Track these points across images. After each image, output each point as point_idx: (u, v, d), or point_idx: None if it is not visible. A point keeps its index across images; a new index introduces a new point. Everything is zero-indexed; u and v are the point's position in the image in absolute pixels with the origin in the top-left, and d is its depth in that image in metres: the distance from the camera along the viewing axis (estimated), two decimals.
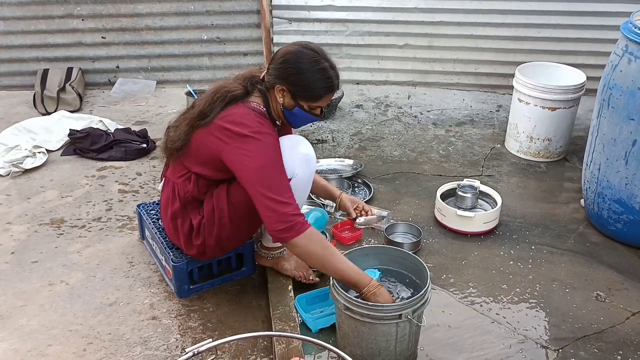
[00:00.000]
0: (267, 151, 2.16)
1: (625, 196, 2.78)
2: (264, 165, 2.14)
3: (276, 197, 2.12)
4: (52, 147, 3.68)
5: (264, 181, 2.13)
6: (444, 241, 2.91)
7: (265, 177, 2.14)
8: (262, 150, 2.15)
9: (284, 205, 2.13)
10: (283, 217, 2.12)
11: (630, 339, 2.35)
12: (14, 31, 4.40)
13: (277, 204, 2.12)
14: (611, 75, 2.73)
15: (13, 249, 2.83)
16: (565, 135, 3.60)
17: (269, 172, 2.15)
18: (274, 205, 2.13)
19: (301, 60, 2.19)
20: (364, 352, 2.12)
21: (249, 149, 2.15)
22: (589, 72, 3.71)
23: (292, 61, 2.20)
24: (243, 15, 4.48)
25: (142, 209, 2.78)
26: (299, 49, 2.22)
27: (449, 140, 3.90)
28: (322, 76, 2.21)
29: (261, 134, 2.16)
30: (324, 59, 2.22)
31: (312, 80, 2.20)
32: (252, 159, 2.14)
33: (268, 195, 2.13)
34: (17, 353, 2.26)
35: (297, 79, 2.20)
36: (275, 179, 2.15)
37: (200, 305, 2.50)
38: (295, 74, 2.20)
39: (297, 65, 2.19)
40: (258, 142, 2.15)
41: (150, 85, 4.56)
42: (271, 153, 2.18)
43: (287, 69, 2.20)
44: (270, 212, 2.14)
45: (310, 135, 3.90)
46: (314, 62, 2.19)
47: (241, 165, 2.17)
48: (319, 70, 2.20)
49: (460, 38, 4.46)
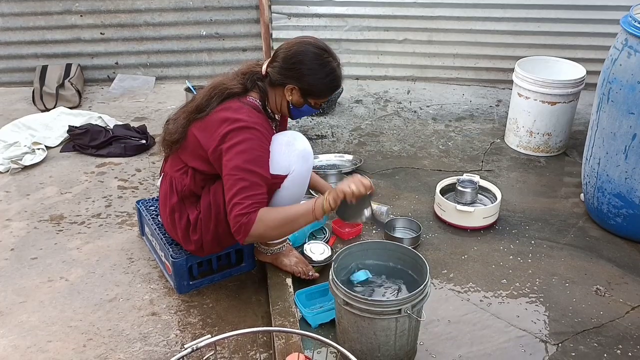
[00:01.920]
0: (248, 147, 2.17)
1: (625, 190, 2.78)
2: (236, 165, 2.16)
3: (231, 200, 2.16)
4: (52, 144, 3.68)
5: (229, 185, 2.17)
6: (444, 236, 2.91)
7: (232, 179, 2.16)
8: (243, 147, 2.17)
9: (233, 207, 2.16)
10: (232, 219, 2.16)
11: (630, 333, 2.35)
12: (13, 28, 4.40)
13: (231, 206, 2.16)
14: (611, 69, 2.72)
15: (12, 246, 2.83)
16: (565, 130, 3.59)
17: (237, 173, 2.16)
18: (228, 208, 2.17)
19: (313, 62, 2.26)
20: (363, 347, 2.12)
21: (232, 145, 2.17)
22: (589, 66, 3.70)
23: (304, 62, 2.25)
24: (242, 11, 4.47)
25: (141, 205, 2.78)
26: (309, 48, 2.27)
27: (449, 135, 3.89)
28: (333, 76, 2.30)
29: (248, 129, 2.18)
30: (332, 58, 2.30)
31: (324, 80, 2.28)
32: (228, 158, 2.17)
33: (227, 198, 2.18)
34: (16, 349, 2.26)
35: (310, 79, 2.27)
36: (240, 180, 2.16)
37: (200, 301, 2.50)
38: (308, 74, 2.26)
39: (310, 67, 2.25)
40: (242, 137, 2.17)
41: (149, 81, 4.56)
42: (252, 149, 2.18)
43: (300, 69, 2.25)
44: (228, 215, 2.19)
45: (309, 130, 3.89)
46: (325, 62, 2.27)
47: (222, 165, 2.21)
48: (329, 70, 2.28)
49: (460, 32, 4.45)
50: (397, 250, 2.33)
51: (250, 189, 2.15)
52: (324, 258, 2.61)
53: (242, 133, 2.17)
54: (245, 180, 2.15)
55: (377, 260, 2.34)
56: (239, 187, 2.15)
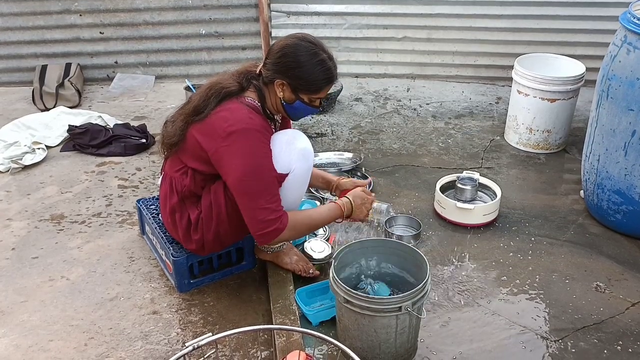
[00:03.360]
0: (252, 151, 2.17)
1: (625, 187, 2.78)
2: (246, 170, 2.16)
3: (252, 204, 2.18)
4: (52, 143, 3.68)
5: (243, 189, 2.18)
6: (444, 233, 2.92)
7: (244, 184, 2.18)
8: (247, 151, 2.16)
9: (259, 212, 2.18)
10: (258, 224, 2.19)
11: (630, 329, 2.36)
12: (12, 27, 4.40)
13: (254, 210, 2.19)
14: (610, 66, 2.72)
15: (13, 245, 2.83)
16: (564, 127, 3.59)
17: (250, 176, 2.17)
18: (251, 212, 2.20)
19: (300, 54, 2.19)
20: (364, 345, 2.12)
21: (235, 148, 2.16)
22: (588, 63, 3.70)
23: (291, 55, 2.19)
24: (241, 9, 4.47)
25: (141, 204, 2.79)
26: (296, 42, 2.21)
27: (448, 133, 3.89)
28: (322, 68, 2.21)
29: (248, 132, 2.17)
30: (322, 50, 2.22)
31: (312, 72, 2.20)
32: (235, 163, 2.17)
33: (245, 203, 2.20)
34: (18, 348, 2.27)
35: (297, 72, 2.20)
36: (254, 183, 2.17)
37: (201, 300, 2.50)
38: (295, 67, 2.19)
39: (296, 59, 2.19)
40: (244, 141, 2.16)
41: (149, 80, 4.56)
42: (257, 153, 2.18)
43: (286, 62, 2.20)
44: (248, 219, 2.23)
45: (309, 129, 3.89)
46: (313, 54, 2.19)
47: (226, 170, 2.21)
48: (318, 62, 2.20)
49: (459, 30, 4.45)
50: (398, 247, 2.33)
51: (268, 191, 2.19)
52: (324, 256, 2.62)
53: (245, 135, 2.16)
54: (261, 182, 2.17)
55: (377, 257, 2.34)
56: (256, 190, 2.17)
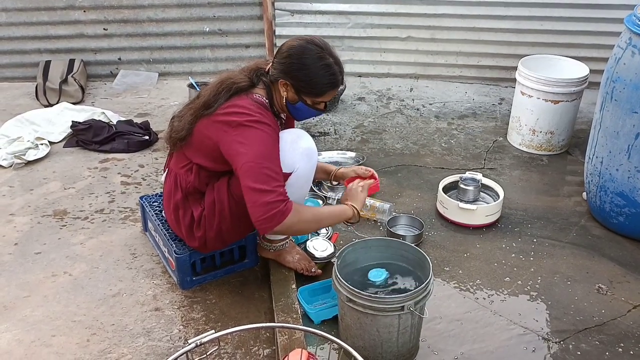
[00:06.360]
0: (264, 140, 2.15)
1: (628, 189, 2.78)
2: (257, 155, 2.12)
3: (260, 187, 2.09)
4: (55, 139, 3.69)
5: (252, 174, 2.11)
6: (446, 234, 2.92)
7: (255, 168, 2.11)
8: (258, 140, 2.14)
9: (265, 194, 2.09)
10: (263, 206, 2.09)
11: (632, 332, 2.36)
12: (16, 23, 4.40)
13: (259, 193, 2.09)
14: (614, 68, 2.72)
15: (16, 241, 2.83)
16: (567, 129, 3.59)
17: (261, 162, 2.12)
18: (256, 196, 2.10)
19: (305, 56, 2.18)
20: (366, 344, 2.12)
21: (246, 136, 2.14)
22: (592, 65, 3.70)
23: (296, 56, 2.19)
24: (245, 7, 4.47)
25: (144, 201, 2.79)
26: (303, 44, 2.21)
27: (451, 133, 3.90)
28: (326, 72, 2.19)
29: (260, 124, 2.16)
30: (329, 55, 2.20)
31: (316, 76, 2.19)
32: (246, 149, 2.13)
33: (252, 186, 2.10)
34: (21, 343, 2.27)
35: (301, 74, 2.19)
36: (264, 169, 2.12)
37: (203, 297, 2.51)
38: (299, 69, 2.19)
39: (300, 61, 2.19)
40: (255, 131, 2.14)
41: (152, 77, 4.56)
42: (267, 143, 2.16)
43: (291, 64, 2.20)
44: (252, 204, 2.11)
45: (312, 127, 3.90)
46: (318, 58, 2.18)
47: (236, 156, 2.16)
48: (322, 66, 2.19)
49: (463, 30, 4.45)
50: (400, 247, 2.33)
51: (276, 180, 2.13)
52: (326, 255, 2.62)
53: (256, 126, 2.15)
54: (271, 169, 2.13)
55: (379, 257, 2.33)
56: (265, 175, 2.10)
